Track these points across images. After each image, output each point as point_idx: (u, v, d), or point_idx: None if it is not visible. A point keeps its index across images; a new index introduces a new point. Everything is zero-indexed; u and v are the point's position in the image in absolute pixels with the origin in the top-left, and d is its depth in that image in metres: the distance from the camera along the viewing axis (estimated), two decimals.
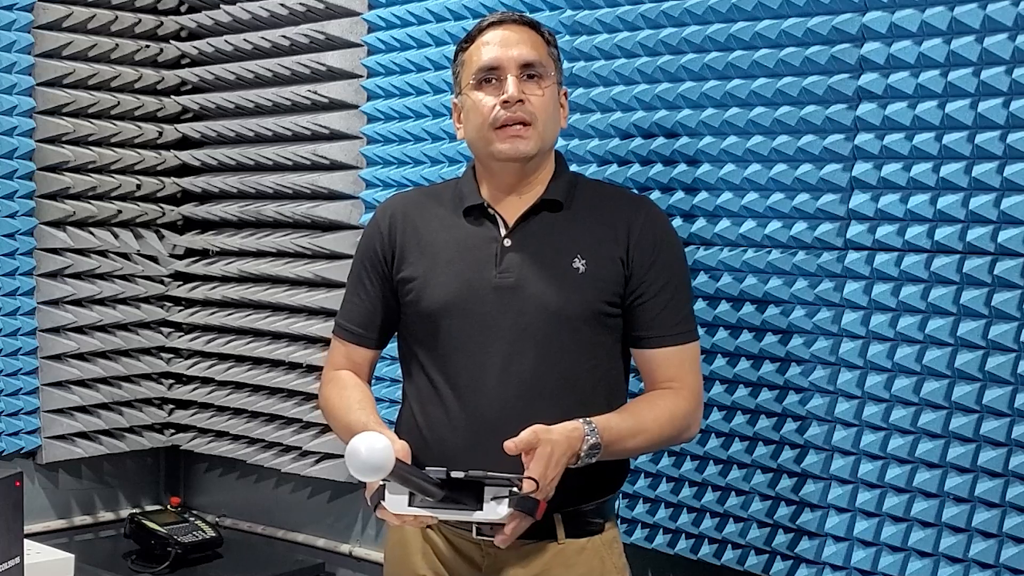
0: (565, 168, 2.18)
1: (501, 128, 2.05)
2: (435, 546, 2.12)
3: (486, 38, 2.09)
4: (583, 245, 2.07)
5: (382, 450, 1.69)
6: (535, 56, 2.07)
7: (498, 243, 2.08)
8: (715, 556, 2.42)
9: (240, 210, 3.38)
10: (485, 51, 2.07)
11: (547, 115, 2.07)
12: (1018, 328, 2.01)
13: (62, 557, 2.41)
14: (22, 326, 3.24)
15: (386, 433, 1.96)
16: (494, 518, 1.86)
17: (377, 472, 1.71)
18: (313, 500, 3.35)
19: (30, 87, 3.21)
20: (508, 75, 2.05)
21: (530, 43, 2.09)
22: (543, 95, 2.06)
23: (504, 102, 2.03)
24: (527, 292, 2.05)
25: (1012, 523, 2.01)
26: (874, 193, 2.17)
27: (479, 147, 2.10)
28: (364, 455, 1.69)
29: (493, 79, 2.06)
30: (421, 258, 2.12)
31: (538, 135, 2.06)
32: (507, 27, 2.10)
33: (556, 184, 2.12)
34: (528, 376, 2.04)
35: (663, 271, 2.09)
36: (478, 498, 1.86)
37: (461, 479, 1.85)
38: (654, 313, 2.07)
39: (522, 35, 2.09)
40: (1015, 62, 2.00)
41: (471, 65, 2.09)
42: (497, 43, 2.07)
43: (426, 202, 2.19)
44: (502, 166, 2.08)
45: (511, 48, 2.07)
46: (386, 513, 1.91)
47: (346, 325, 2.22)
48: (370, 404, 2.14)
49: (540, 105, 2.06)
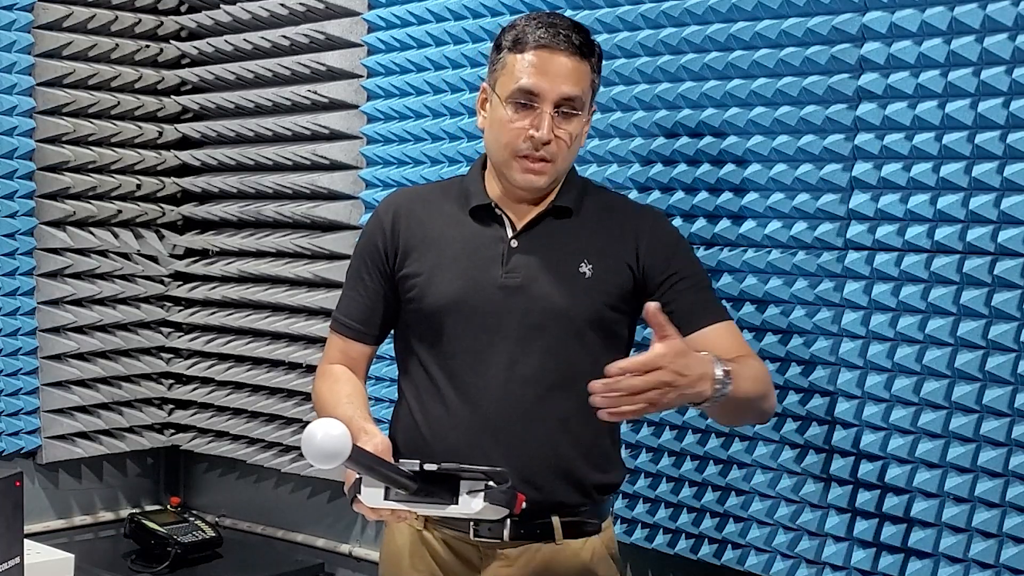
0: (576, 175, 2.17)
1: (522, 158, 2.02)
2: (432, 548, 2.12)
3: (535, 59, 2.00)
4: (590, 251, 2.07)
5: (338, 437, 1.60)
6: (576, 92, 2.02)
7: (505, 243, 2.08)
8: (715, 556, 2.42)
9: (240, 210, 3.38)
10: (529, 73, 2.00)
11: (568, 154, 2.06)
12: (1018, 328, 2.01)
13: (62, 557, 2.41)
14: (22, 326, 3.24)
15: (369, 428, 1.94)
16: (468, 512, 1.83)
17: (332, 459, 1.61)
18: (313, 500, 3.35)
19: (30, 87, 3.21)
20: (544, 110, 2.00)
21: (575, 78, 2.02)
22: (570, 139, 2.03)
23: (531, 137, 2.00)
24: (533, 293, 2.04)
25: (1012, 523, 2.01)
26: (874, 193, 2.17)
27: (495, 158, 2.09)
28: (319, 440, 1.59)
29: (528, 104, 2.01)
30: (426, 255, 2.10)
31: (555, 171, 2.05)
32: (557, 55, 2.00)
33: (567, 192, 2.11)
34: (532, 376, 2.03)
35: (685, 260, 2.10)
36: (453, 492, 1.82)
37: (435, 472, 1.82)
38: (694, 295, 2.06)
39: (570, 68, 2.01)
40: (1015, 62, 2.00)
41: (511, 77, 2.02)
42: (542, 72, 2.00)
43: (431, 198, 2.17)
44: (513, 186, 2.08)
45: (555, 80, 2.00)
46: (362, 507, 1.87)
47: (344, 320, 2.20)
48: (359, 398, 2.12)
49: (564, 147, 2.03)
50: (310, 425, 1.60)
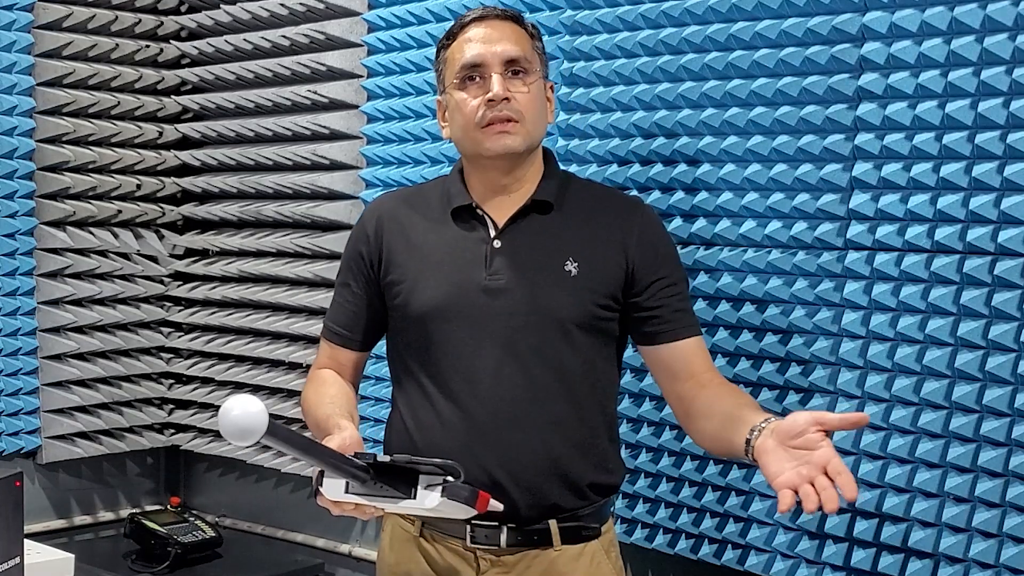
0: (556, 167, 2.14)
1: (488, 126, 2.01)
2: (428, 554, 2.10)
3: (468, 35, 2.04)
4: (575, 248, 2.05)
5: (256, 414, 1.52)
6: (519, 52, 2.03)
7: (488, 244, 2.05)
8: (715, 556, 2.42)
9: (240, 210, 3.38)
10: (468, 48, 2.03)
11: (534, 111, 2.04)
12: (1018, 328, 2.01)
13: (62, 557, 2.41)
14: (22, 326, 3.24)
15: (342, 423, 1.92)
16: (424, 508, 1.80)
17: (245, 436, 1.53)
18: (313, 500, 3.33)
19: (30, 87, 3.21)
20: (492, 73, 2.01)
21: (513, 38, 2.04)
22: (529, 91, 2.02)
23: (489, 101, 2.00)
24: (518, 294, 2.02)
25: (1012, 523, 2.01)
26: (874, 193, 2.17)
27: (466, 146, 2.07)
28: (233, 416, 1.52)
29: (477, 77, 2.02)
30: (409, 261, 2.09)
31: (526, 131, 2.02)
32: (489, 23, 2.05)
33: (546, 185, 2.09)
34: (521, 379, 2.01)
35: (673, 264, 2.10)
36: (412, 486, 1.80)
37: (391, 465, 1.79)
38: (676, 306, 2.07)
39: (505, 31, 2.05)
40: (1015, 62, 2.00)
41: (454, 63, 2.05)
42: (480, 40, 2.03)
43: (413, 203, 2.16)
44: (490, 163, 2.05)
45: (494, 45, 2.02)
46: (324, 500, 1.85)
47: (332, 327, 2.20)
48: (343, 399, 2.10)
49: (526, 102, 2.02)
50: (226, 401, 1.53)
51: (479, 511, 1.83)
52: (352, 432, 1.91)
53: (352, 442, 1.88)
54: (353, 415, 2.06)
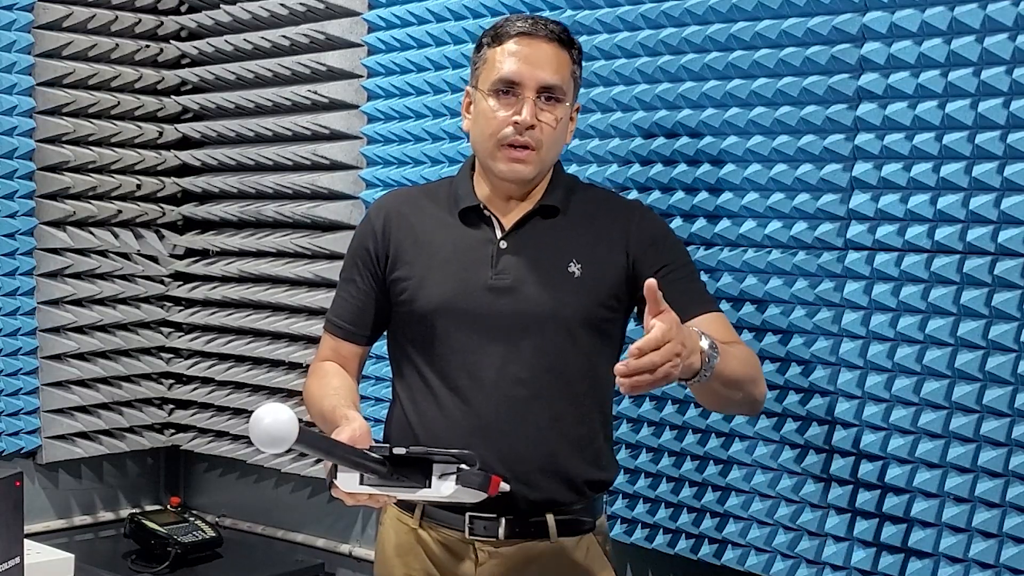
0: (562, 172, 2.19)
1: (506, 147, 2.04)
2: (427, 546, 2.12)
3: (513, 47, 2.05)
4: (579, 250, 2.08)
5: (286, 421, 1.54)
6: (557, 80, 2.05)
7: (494, 245, 2.09)
8: (715, 556, 2.42)
9: (240, 210, 3.38)
10: (509, 63, 2.04)
11: (553, 141, 2.07)
12: (1018, 328, 2.01)
13: (62, 557, 2.41)
14: (22, 326, 3.24)
15: (350, 414, 1.93)
16: (440, 495, 1.84)
17: (278, 443, 1.56)
18: (313, 500, 3.35)
19: (30, 87, 3.21)
20: (526, 95, 2.03)
21: (555, 65, 2.06)
22: (554, 123, 2.05)
23: (515, 123, 2.03)
24: (522, 294, 2.06)
25: (1012, 523, 2.01)
26: (874, 193, 2.17)
27: (480, 152, 2.11)
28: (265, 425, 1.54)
29: (511, 93, 2.04)
30: (416, 258, 2.12)
31: (540, 160, 2.07)
32: (537, 43, 2.05)
33: (553, 190, 2.14)
34: (524, 377, 2.05)
35: (675, 252, 2.12)
36: (426, 476, 1.83)
37: (405, 456, 1.82)
38: (685, 285, 2.08)
39: (550, 55, 2.05)
40: (1015, 62, 2.00)
41: (492, 70, 2.07)
42: (523, 59, 2.04)
43: (421, 201, 2.19)
44: (499, 180, 2.10)
45: (536, 68, 2.04)
46: (339, 491, 1.86)
47: (335, 320, 2.22)
48: (346, 391, 2.11)
49: (548, 133, 2.05)
50: (257, 410, 1.56)
51: (491, 494, 1.88)
52: (361, 422, 1.92)
53: (362, 432, 1.90)
54: (357, 406, 2.07)
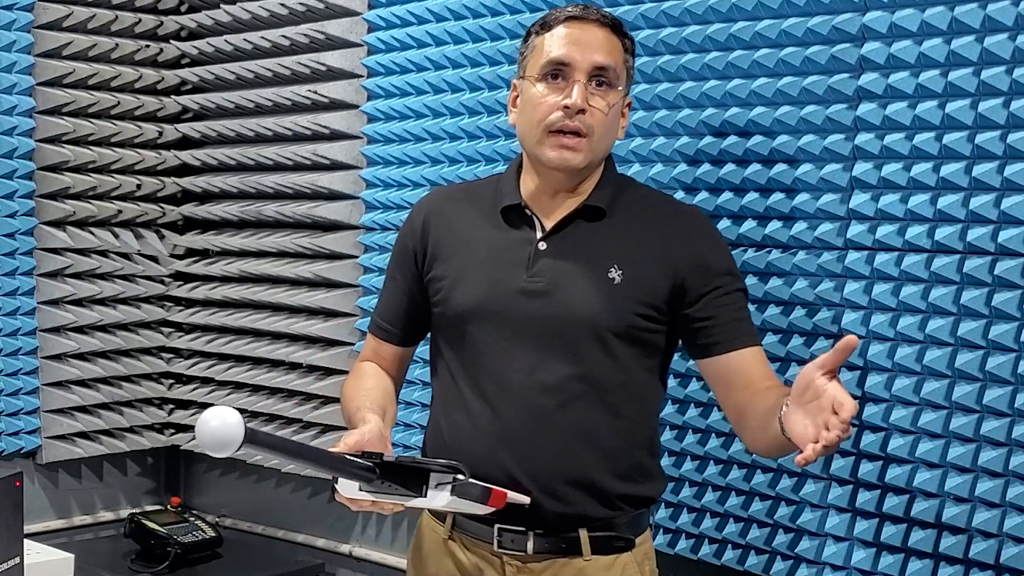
0: (613, 172, 2.09)
1: (555, 133, 1.95)
2: (455, 556, 2.07)
3: (563, 32, 1.97)
4: (621, 255, 1.98)
5: (235, 424, 1.51)
6: (610, 61, 1.96)
7: (532, 246, 2.00)
8: (715, 556, 2.42)
9: (240, 210, 3.38)
10: (559, 45, 1.96)
11: (604, 129, 1.97)
12: (1018, 328, 2.01)
13: (62, 557, 2.41)
14: (22, 326, 3.24)
15: (368, 416, 1.91)
16: (434, 505, 1.82)
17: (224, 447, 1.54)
18: (313, 500, 3.35)
19: (30, 87, 3.21)
20: (576, 78, 1.94)
21: (607, 48, 1.97)
22: (606, 109, 1.96)
23: (565, 107, 1.94)
24: (556, 298, 1.97)
25: (1012, 523, 2.01)
26: (874, 193, 2.17)
27: (527, 142, 2.01)
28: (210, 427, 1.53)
29: (560, 77, 1.96)
30: (453, 258, 2.06)
31: (591, 148, 1.97)
32: (588, 25, 1.97)
33: (600, 190, 2.03)
34: (552, 384, 1.96)
35: (725, 277, 2.01)
36: (423, 484, 1.81)
37: (394, 464, 1.79)
38: (730, 315, 1.99)
39: (600, 37, 1.97)
40: (1015, 62, 2.00)
41: (540, 55, 1.98)
42: (573, 41, 1.95)
43: (464, 199, 2.12)
44: (547, 170, 2.00)
45: (587, 50, 1.95)
46: (341, 497, 1.84)
47: (376, 320, 2.20)
48: (377, 392, 2.08)
49: (600, 119, 1.96)
50: (203, 413, 1.53)
51: (495, 507, 1.83)
52: (372, 426, 1.88)
53: (371, 436, 1.86)
54: (387, 408, 2.04)
